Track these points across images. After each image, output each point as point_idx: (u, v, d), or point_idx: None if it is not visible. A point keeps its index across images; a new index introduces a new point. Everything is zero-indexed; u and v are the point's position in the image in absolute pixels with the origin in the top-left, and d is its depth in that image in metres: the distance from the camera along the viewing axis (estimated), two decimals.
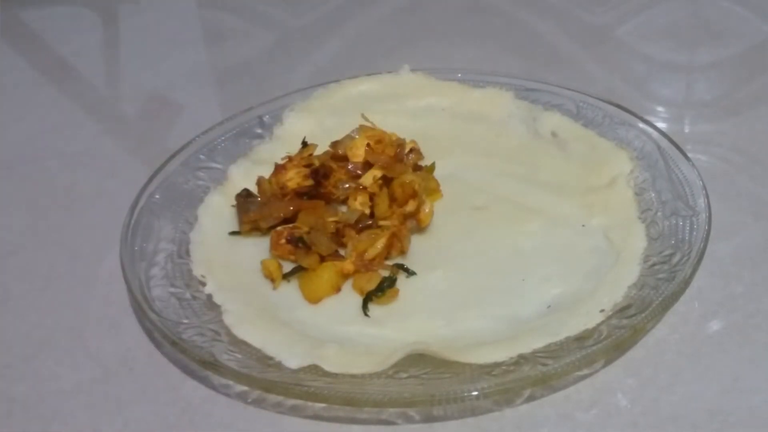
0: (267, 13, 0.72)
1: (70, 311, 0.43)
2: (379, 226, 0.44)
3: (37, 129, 0.59)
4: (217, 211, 0.47)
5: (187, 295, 0.42)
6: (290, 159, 0.47)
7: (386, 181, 0.46)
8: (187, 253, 0.45)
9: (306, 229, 0.44)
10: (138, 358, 0.41)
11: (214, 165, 0.49)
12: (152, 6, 0.75)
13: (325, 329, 0.41)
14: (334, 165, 0.47)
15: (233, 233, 0.46)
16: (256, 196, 0.46)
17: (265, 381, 0.37)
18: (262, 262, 0.44)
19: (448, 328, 0.40)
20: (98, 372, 0.40)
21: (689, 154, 0.47)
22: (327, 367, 0.38)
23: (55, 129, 0.59)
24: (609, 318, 0.39)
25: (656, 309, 0.39)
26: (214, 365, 0.38)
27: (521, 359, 0.38)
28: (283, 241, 0.44)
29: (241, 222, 0.46)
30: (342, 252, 0.44)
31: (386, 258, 0.44)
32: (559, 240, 0.44)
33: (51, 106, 0.62)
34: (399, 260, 0.44)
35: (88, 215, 0.49)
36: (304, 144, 0.49)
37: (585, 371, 0.38)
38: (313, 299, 0.42)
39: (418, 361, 0.38)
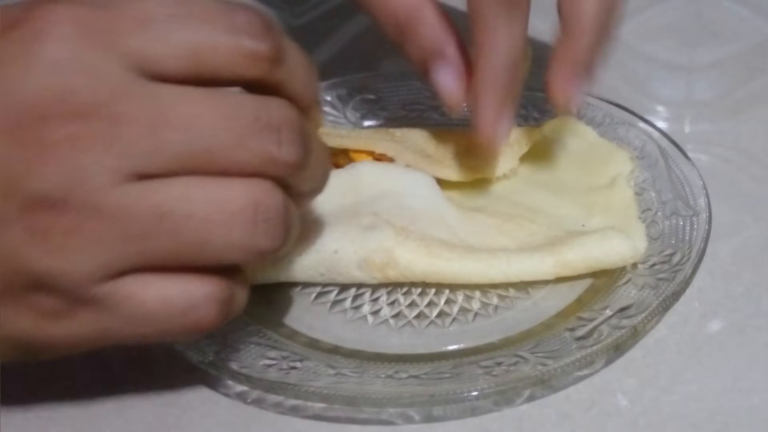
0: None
1: None
2: None
3: None
4: None
5: None
6: None
7: None
8: None
9: None
10: (138, 358, 0.41)
11: None
12: None
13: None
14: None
15: None
16: None
17: (265, 381, 0.37)
18: None
19: None
20: (98, 372, 0.40)
21: (689, 154, 0.47)
22: None
23: None
24: (609, 318, 0.39)
25: (656, 309, 0.39)
26: (214, 365, 0.38)
27: (521, 359, 0.38)
28: None
29: None
30: None
31: None
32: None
33: None
34: None
35: None
36: None
37: (585, 371, 0.38)
38: None
39: (418, 360, 0.39)
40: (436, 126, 0.52)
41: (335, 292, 0.43)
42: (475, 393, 0.36)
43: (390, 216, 0.42)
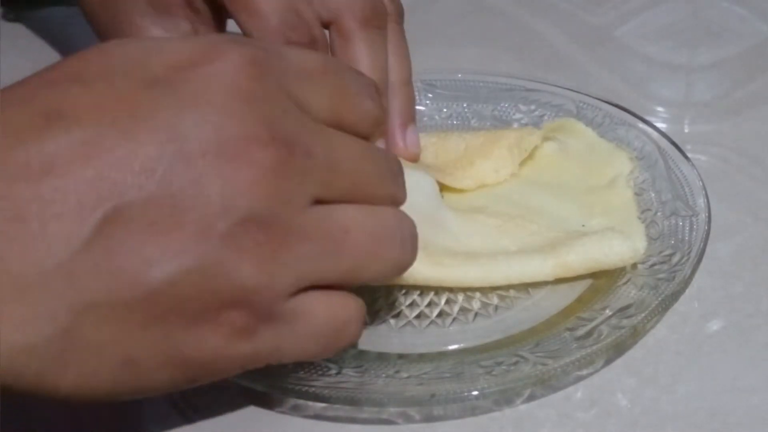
0: None
1: None
2: None
3: None
4: None
5: None
6: None
7: None
8: None
9: None
10: None
11: None
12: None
13: None
14: None
15: None
16: None
17: (266, 380, 0.37)
18: None
19: None
20: None
21: (689, 154, 0.47)
22: None
23: None
24: (609, 318, 0.39)
25: (656, 309, 0.39)
26: None
27: (521, 359, 0.38)
28: None
29: None
30: None
31: None
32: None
33: None
34: None
35: None
36: None
37: (585, 371, 0.38)
38: None
39: (419, 360, 0.39)
40: (436, 128, 0.52)
41: None
42: (475, 393, 0.36)
43: None
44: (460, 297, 0.42)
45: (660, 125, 0.49)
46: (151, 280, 0.29)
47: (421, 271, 0.41)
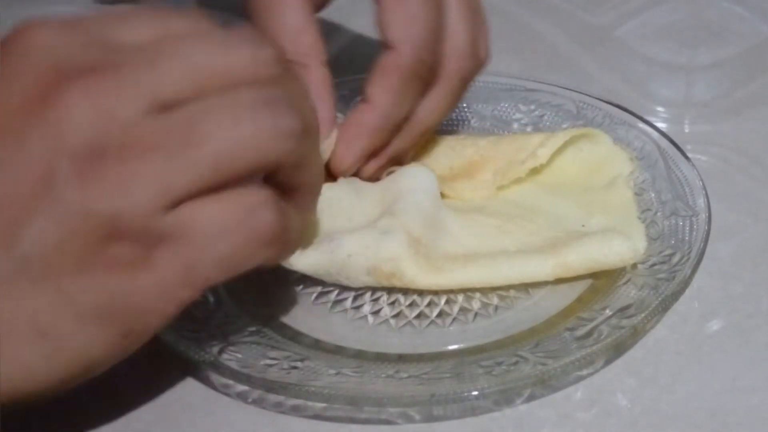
0: None
1: None
2: None
3: None
4: None
5: None
6: None
7: None
8: None
9: None
10: (138, 357, 0.41)
11: None
12: (152, 5, 0.74)
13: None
14: None
15: None
16: None
17: (265, 381, 0.37)
18: None
19: None
20: None
21: (689, 154, 0.47)
22: None
23: None
24: (609, 318, 0.39)
25: (656, 309, 0.39)
26: (215, 365, 0.38)
27: (521, 359, 0.38)
28: None
29: None
30: None
31: None
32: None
33: None
34: None
35: None
36: None
37: (585, 371, 0.39)
38: None
39: (419, 360, 0.39)
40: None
41: (336, 292, 0.43)
42: (475, 393, 0.36)
43: (406, 218, 0.42)
44: (460, 297, 0.42)
45: (660, 125, 0.49)
46: (15, 243, 0.29)
47: (423, 276, 0.41)
